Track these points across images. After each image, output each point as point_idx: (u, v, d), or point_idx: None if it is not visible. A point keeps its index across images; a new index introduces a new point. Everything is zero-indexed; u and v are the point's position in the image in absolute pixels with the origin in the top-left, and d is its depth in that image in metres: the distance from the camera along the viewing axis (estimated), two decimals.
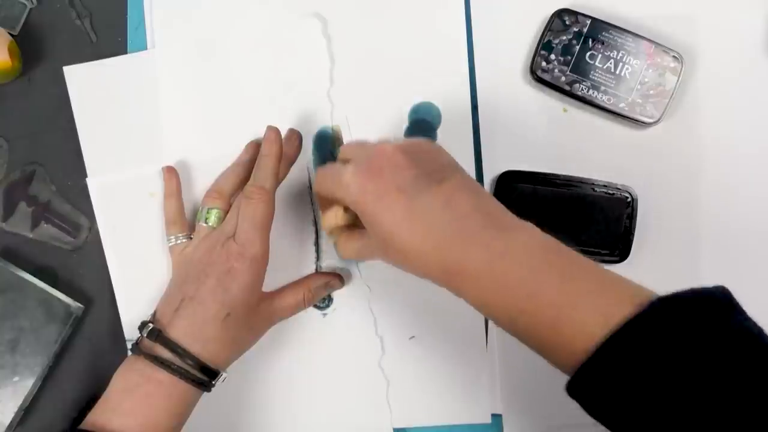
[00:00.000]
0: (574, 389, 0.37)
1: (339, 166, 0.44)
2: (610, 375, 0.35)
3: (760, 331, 0.35)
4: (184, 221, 0.54)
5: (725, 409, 0.33)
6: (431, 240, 0.40)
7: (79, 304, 0.55)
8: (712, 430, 0.33)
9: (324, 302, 0.56)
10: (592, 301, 0.37)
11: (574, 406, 0.38)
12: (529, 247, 0.39)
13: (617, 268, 0.54)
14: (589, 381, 0.36)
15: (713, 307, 0.35)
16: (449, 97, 0.55)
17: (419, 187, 0.41)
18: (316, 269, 0.56)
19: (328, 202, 0.47)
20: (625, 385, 0.35)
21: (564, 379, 0.38)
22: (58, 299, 0.54)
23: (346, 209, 0.46)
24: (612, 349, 0.35)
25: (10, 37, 0.55)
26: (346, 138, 0.56)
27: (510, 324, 0.40)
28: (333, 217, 0.47)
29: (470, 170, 0.55)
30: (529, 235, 0.40)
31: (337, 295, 0.56)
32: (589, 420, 0.50)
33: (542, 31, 0.54)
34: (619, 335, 0.35)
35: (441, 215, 0.40)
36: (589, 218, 0.53)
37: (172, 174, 0.55)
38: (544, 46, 0.54)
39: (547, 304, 0.38)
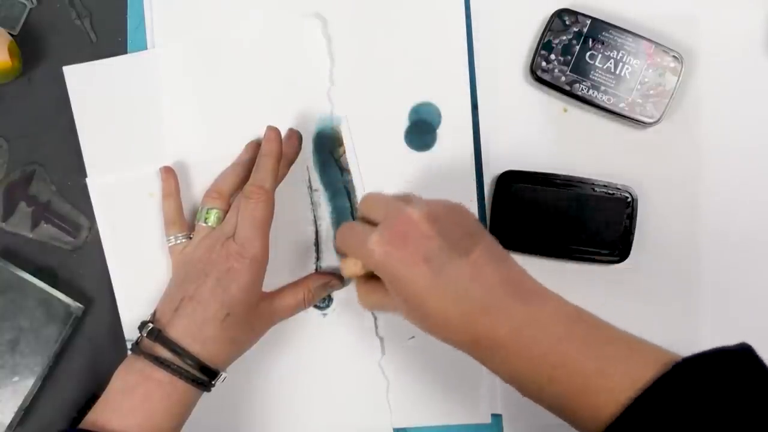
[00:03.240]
0: None
1: (362, 229, 0.44)
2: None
3: None
4: (183, 221, 0.54)
5: None
6: (458, 311, 0.40)
7: (79, 304, 0.55)
8: None
9: (324, 302, 0.56)
10: (619, 367, 0.37)
11: None
12: (555, 317, 0.40)
13: (617, 268, 0.54)
14: None
15: (736, 365, 0.36)
16: (449, 97, 0.55)
17: (445, 258, 0.41)
18: (316, 269, 0.56)
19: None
20: None
21: None
22: (58, 299, 0.54)
23: None
24: (637, 410, 0.35)
25: (10, 37, 0.55)
26: (346, 138, 0.56)
27: (538, 392, 0.40)
28: (353, 266, 0.46)
29: (470, 170, 0.55)
30: (554, 304, 0.41)
31: (337, 295, 0.56)
32: None
33: (542, 31, 0.54)
34: (644, 396, 0.35)
35: (469, 287, 0.41)
36: (589, 218, 0.53)
37: (169, 174, 0.55)
38: (544, 46, 0.54)
39: (574, 372, 0.38)
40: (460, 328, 0.41)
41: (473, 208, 0.55)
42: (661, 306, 0.54)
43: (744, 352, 0.37)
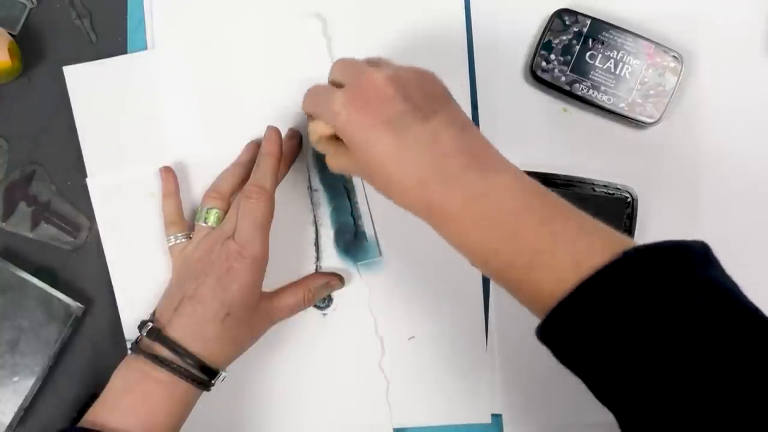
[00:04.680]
0: (543, 334, 0.37)
1: (329, 91, 0.44)
2: (578, 321, 0.35)
3: (732, 285, 0.36)
4: (183, 221, 0.54)
5: (685, 358, 0.33)
6: (414, 176, 0.40)
7: (79, 304, 0.55)
8: (670, 377, 0.33)
9: (324, 302, 0.56)
10: (568, 246, 0.37)
11: (574, 406, 0.38)
12: (510, 189, 0.40)
13: None
14: (558, 326, 0.36)
15: (687, 258, 0.36)
16: None
17: (406, 122, 0.41)
18: (316, 269, 0.56)
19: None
20: (592, 332, 0.35)
21: (563, 378, 0.38)
22: (58, 299, 0.54)
23: None
24: (581, 296, 0.35)
25: (10, 37, 0.55)
26: None
27: (484, 264, 0.40)
28: (321, 127, 0.46)
29: None
30: (511, 176, 0.40)
31: (337, 295, 0.56)
32: (589, 420, 0.50)
33: (542, 31, 0.54)
34: (590, 282, 0.35)
35: (425, 153, 0.40)
36: None
37: (169, 174, 0.55)
38: (544, 46, 0.54)
39: (522, 247, 0.38)
40: (415, 194, 0.41)
41: None
42: None
43: (699, 248, 0.36)
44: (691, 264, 0.36)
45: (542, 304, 0.37)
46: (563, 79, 0.54)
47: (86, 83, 0.57)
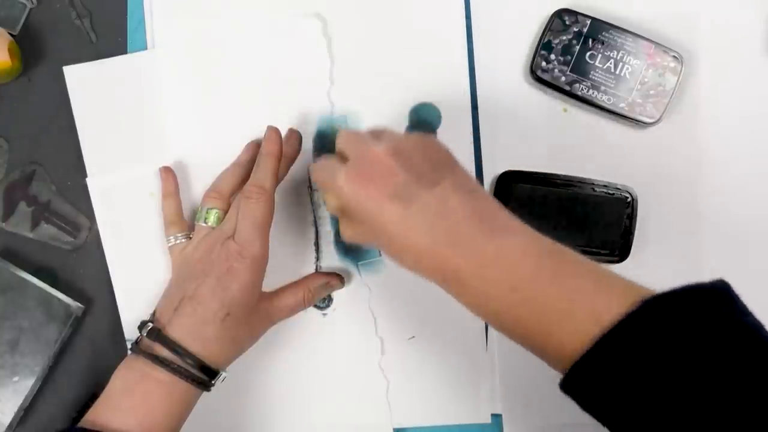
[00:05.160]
0: (567, 386, 0.37)
1: (333, 165, 0.44)
2: (602, 372, 0.35)
3: (759, 325, 0.35)
4: (183, 221, 0.54)
5: (717, 405, 0.33)
6: (425, 244, 0.40)
7: (79, 304, 0.55)
8: (703, 426, 0.33)
9: (324, 302, 0.56)
10: (587, 304, 0.37)
11: (574, 405, 0.38)
12: (523, 252, 0.40)
13: (617, 268, 0.53)
14: (583, 378, 0.36)
15: (710, 301, 0.35)
16: (449, 97, 0.55)
17: (411, 191, 0.41)
18: (316, 269, 0.56)
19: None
20: (618, 382, 0.35)
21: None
22: (58, 299, 0.54)
23: None
24: (604, 348, 0.35)
25: (10, 37, 0.55)
26: None
27: (502, 327, 0.40)
28: (334, 199, 0.46)
29: (470, 170, 0.55)
30: (522, 238, 0.40)
31: (337, 295, 0.56)
32: (588, 419, 0.50)
33: (542, 31, 0.54)
34: (612, 333, 0.35)
35: (435, 219, 0.40)
36: (589, 218, 0.53)
37: (168, 174, 0.55)
38: (544, 46, 0.54)
39: (540, 309, 0.38)
40: (428, 262, 0.41)
41: None
42: None
43: (719, 289, 0.36)
44: (712, 306, 0.35)
45: (565, 360, 0.37)
46: (563, 79, 0.54)
47: (86, 83, 0.57)
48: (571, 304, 0.37)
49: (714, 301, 0.36)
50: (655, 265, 0.54)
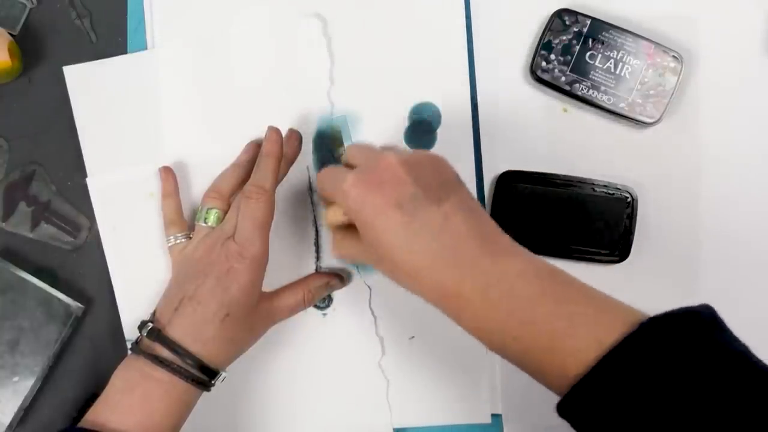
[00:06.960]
0: (564, 409, 0.37)
1: (341, 171, 0.44)
2: (600, 396, 0.35)
3: (744, 348, 0.36)
4: (182, 221, 0.54)
5: (707, 427, 0.33)
6: (425, 260, 0.40)
7: (79, 304, 0.55)
8: None
9: (324, 302, 0.56)
10: (588, 328, 0.37)
11: None
12: (524, 275, 0.40)
13: (617, 268, 0.54)
14: (580, 402, 0.36)
15: (702, 327, 0.36)
16: (449, 97, 0.55)
17: (417, 204, 0.41)
18: (316, 269, 0.56)
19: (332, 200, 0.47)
20: (614, 405, 0.35)
21: None
22: (58, 299, 0.54)
23: None
24: (601, 371, 0.36)
25: (10, 37, 0.55)
26: (346, 138, 0.56)
27: (501, 349, 0.41)
28: (335, 214, 0.46)
29: (470, 170, 0.55)
30: (522, 260, 0.41)
31: (337, 295, 0.56)
32: None
33: (542, 31, 0.54)
34: (609, 357, 0.36)
35: (436, 237, 0.40)
36: (589, 218, 0.53)
37: (168, 174, 0.55)
38: (544, 46, 0.54)
39: (541, 333, 0.38)
40: (427, 280, 0.41)
41: None
42: (661, 306, 0.54)
43: (705, 316, 0.37)
44: (703, 330, 0.36)
45: (564, 383, 0.37)
46: (563, 79, 0.54)
47: (86, 83, 0.57)
48: (572, 328, 0.38)
49: (705, 327, 0.36)
50: (655, 265, 0.54)
